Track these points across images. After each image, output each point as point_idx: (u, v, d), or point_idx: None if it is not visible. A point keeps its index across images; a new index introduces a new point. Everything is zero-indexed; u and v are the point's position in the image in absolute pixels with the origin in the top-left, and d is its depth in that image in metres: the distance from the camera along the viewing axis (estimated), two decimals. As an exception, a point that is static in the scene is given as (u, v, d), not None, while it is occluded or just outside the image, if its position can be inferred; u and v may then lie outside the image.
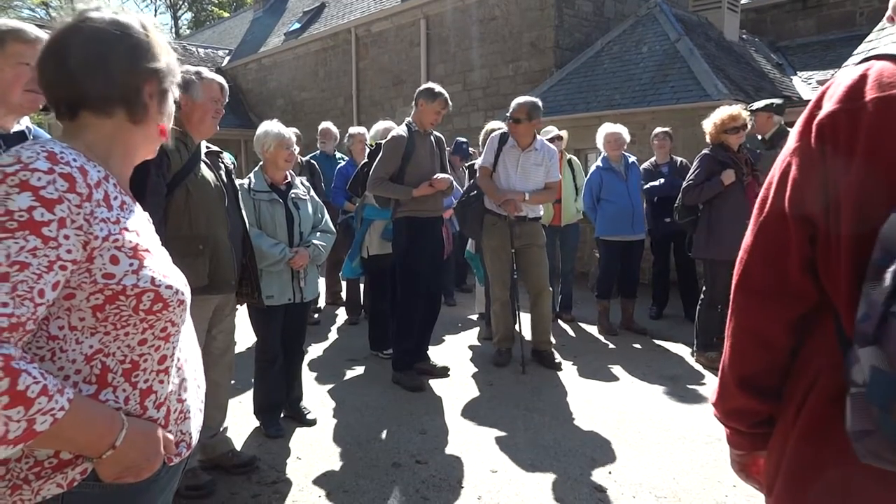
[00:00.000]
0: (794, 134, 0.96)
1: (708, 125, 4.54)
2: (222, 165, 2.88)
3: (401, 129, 4.08)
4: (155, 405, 1.06)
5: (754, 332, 1.02)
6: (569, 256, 6.02)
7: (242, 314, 3.24)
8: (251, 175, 3.34)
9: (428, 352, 4.54)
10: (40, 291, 0.89)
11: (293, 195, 3.39)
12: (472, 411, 3.82)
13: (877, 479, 0.83)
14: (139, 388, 1.03)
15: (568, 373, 4.53)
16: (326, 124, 6.77)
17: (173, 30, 36.54)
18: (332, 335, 5.71)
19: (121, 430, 0.98)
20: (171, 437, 1.09)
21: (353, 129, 6.16)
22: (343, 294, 6.67)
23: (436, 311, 4.43)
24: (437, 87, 4.08)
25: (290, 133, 3.34)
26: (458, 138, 6.94)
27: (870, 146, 0.82)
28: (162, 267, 1.06)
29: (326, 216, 3.57)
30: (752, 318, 1.02)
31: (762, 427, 1.08)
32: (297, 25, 15.52)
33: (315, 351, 5.13)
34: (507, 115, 4.51)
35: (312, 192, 3.54)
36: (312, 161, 6.18)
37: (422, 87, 4.12)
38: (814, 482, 0.93)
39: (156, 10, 38.23)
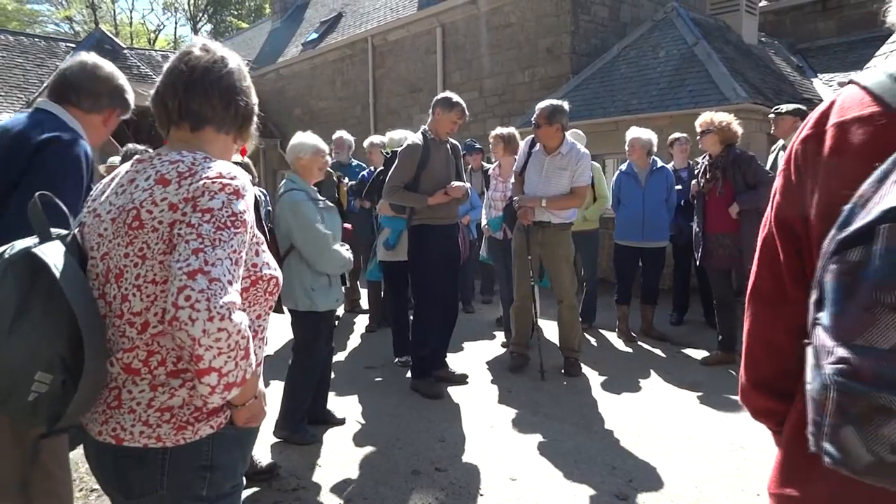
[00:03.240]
0: (785, 155, 1.02)
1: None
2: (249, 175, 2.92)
3: (416, 138, 4.11)
4: (256, 365, 1.27)
5: (763, 339, 1.09)
6: (587, 264, 5.97)
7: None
8: (294, 184, 3.35)
9: (447, 359, 4.54)
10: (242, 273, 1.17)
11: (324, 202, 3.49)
12: (491, 418, 3.81)
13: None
14: (256, 352, 1.27)
15: (588, 380, 4.50)
16: (340, 133, 6.83)
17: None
18: (351, 343, 5.73)
19: (259, 384, 1.27)
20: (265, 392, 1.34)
21: (372, 139, 6.20)
22: (363, 302, 6.72)
23: (453, 318, 4.43)
24: (455, 97, 4.10)
25: (324, 143, 3.46)
26: (468, 140, 6.94)
27: (826, 171, 0.88)
28: (272, 257, 1.31)
29: None
30: (761, 325, 1.10)
31: None
32: (315, 35, 15.68)
33: (334, 358, 5.14)
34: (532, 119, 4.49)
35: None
36: (331, 170, 6.22)
37: (439, 96, 4.14)
38: (802, 476, 0.97)
39: (176, 23, 38.94)
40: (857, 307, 0.69)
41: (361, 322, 6.42)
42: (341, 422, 3.73)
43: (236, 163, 3.73)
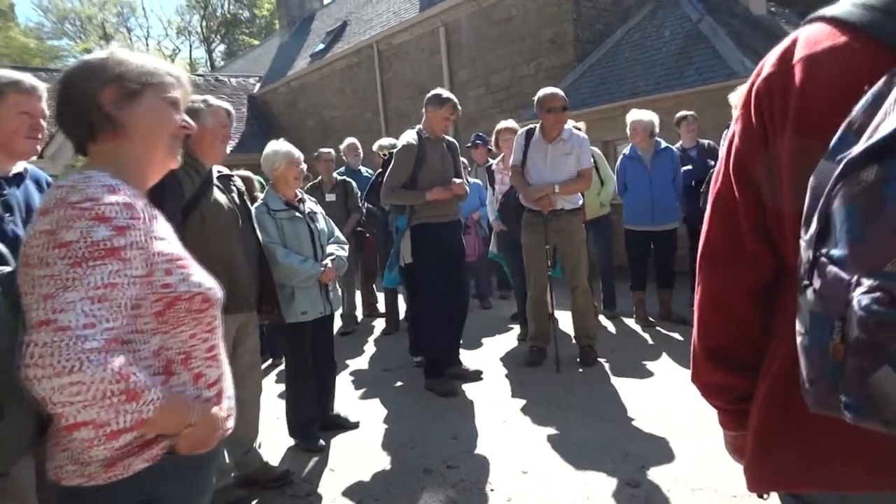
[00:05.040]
0: (738, 103, 0.97)
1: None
2: (234, 188, 2.96)
3: (410, 137, 4.11)
4: (206, 386, 1.23)
5: (718, 302, 1.02)
6: (603, 251, 5.90)
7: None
8: (264, 196, 3.42)
9: (460, 356, 4.54)
10: (125, 305, 1.07)
11: (308, 210, 3.46)
12: (503, 413, 3.79)
13: (838, 433, 0.79)
14: (193, 373, 1.21)
15: (604, 368, 4.45)
16: (350, 140, 6.89)
17: (208, 62, 37.82)
18: (369, 346, 5.76)
19: (192, 413, 1.16)
20: (222, 413, 1.26)
21: (380, 142, 6.23)
22: (380, 306, 6.74)
23: (462, 315, 4.42)
24: (445, 93, 4.10)
25: (298, 151, 3.41)
26: (474, 135, 6.92)
27: (800, 105, 0.82)
28: (201, 271, 1.24)
29: (335, 226, 3.65)
30: (715, 287, 1.02)
31: (745, 403, 1.03)
32: (322, 46, 15.83)
33: (350, 362, 5.19)
34: (536, 105, 4.41)
35: (319, 206, 3.62)
36: (346, 178, 6.27)
37: (429, 94, 4.14)
38: (779, 441, 0.92)
39: (191, 46, 39.70)
40: (885, 228, 0.61)
41: (380, 326, 6.44)
42: (355, 425, 3.75)
43: (241, 176, 3.76)
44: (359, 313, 6.79)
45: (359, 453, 3.41)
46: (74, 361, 0.96)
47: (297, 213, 3.38)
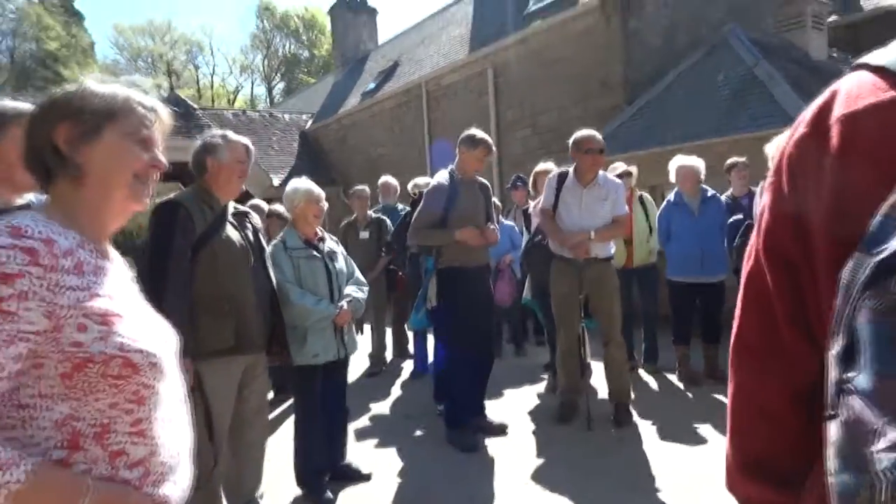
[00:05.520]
0: (773, 160, 0.79)
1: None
2: (249, 225, 2.88)
3: (442, 177, 3.99)
4: (127, 466, 1.04)
5: (753, 405, 0.83)
6: (648, 301, 5.60)
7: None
8: (283, 234, 3.34)
9: (484, 408, 4.30)
10: (4, 364, 0.91)
11: (328, 249, 3.36)
12: (526, 474, 3.52)
13: None
14: (110, 449, 1.03)
15: (640, 429, 4.12)
16: (385, 178, 6.87)
17: (268, 99, 39.35)
18: (395, 389, 5.58)
19: (85, 497, 0.96)
20: (147, 499, 1.06)
21: (416, 180, 6.16)
22: (411, 346, 6.58)
23: (488, 364, 4.20)
24: (479, 134, 3.97)
25: (319, 189, 3.32)
26: (514, 176, 6.79)
27: (837, 177, 0.65)
28: (133, 331, 1.05)
29: (356, 267, 3.52)
30: (749, 387, 0.83)
31: None
32: (373, 85, 16.16)
33: (373, 405, 5.01)
34: (571, 147, 4.21)
35: (341, 246, 3.51)
36: (381, 216, 6.22)
37: (463, 135, 4.02)
38: None
39: (252, 83, 41.47)
40: None
41: (409, 368, 6.26)
42: (367, 477, 3.55)
43: (252, 205, 3.71)
44: (389, 354, 6.64)
45: (368, 509, 3.21)
46: None
47: (315, 252, 3.28)
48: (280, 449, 3.75)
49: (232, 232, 2.73)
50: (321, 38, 37.78)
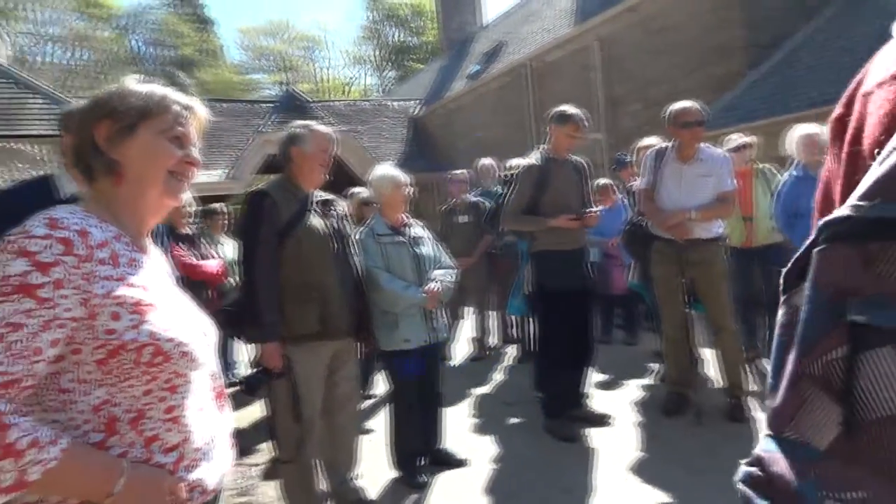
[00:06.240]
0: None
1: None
2: (334, 213, 2.92)
3: (534, 158, 3.84)
4: (161, 450, 1.08)
5: None
6: (771, 284, 5.11)
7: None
8: (371, 220, 3.37)
9: (585, 396, 4.13)
10: (36, 349, 0.94)
11: (414, 235, 3.35)
12: (627, 468, 3.34)
13: None
14: (145, 435, 1.06)
15: (754, 426, 3.77)
16: (485, 160, 6.75)
17: (380, 88, 40.45)
18: (496, 376, 5.52)
19: (119, 478, 1.00)
20: (181, 484, 1.08)
21: (511, 162, 6.02)
22: (514, 331, 6.49)
23: (588, 352, 4.01)
24: (570, 109, 3.77)
25: (405, 176, 3.31)
26: (618, 154, 6.44)
27: (849, 159, 0.59)
28: (165, 321, 1.08)
29: (444, 252, 3.49)
30: None
31: None
32: (478, 67, 16.07)
33: (473, 391, 4.99)
34: (668, 121, 3.90)
35: (427, 231, 3.49)
36: (480, 199, 6.16)
37: (553, 111, 3.83)
38: None
39: (365, 74, 42.78)
40: (787, 379, 0.47)
41: (514, 353, 6.18)
42: (462, 463, 3.53)
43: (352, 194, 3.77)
44: (494, 339, 6.59)
45: (460, 495, 3.19)
46: None
47: (401, 238, 3.28)
48: (379, 431, 3.83)
49: (316, 220, 2.78)
50: (429, 25, 38.13)
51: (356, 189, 5.44)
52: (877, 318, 0.41)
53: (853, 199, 0.45)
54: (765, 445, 0.47)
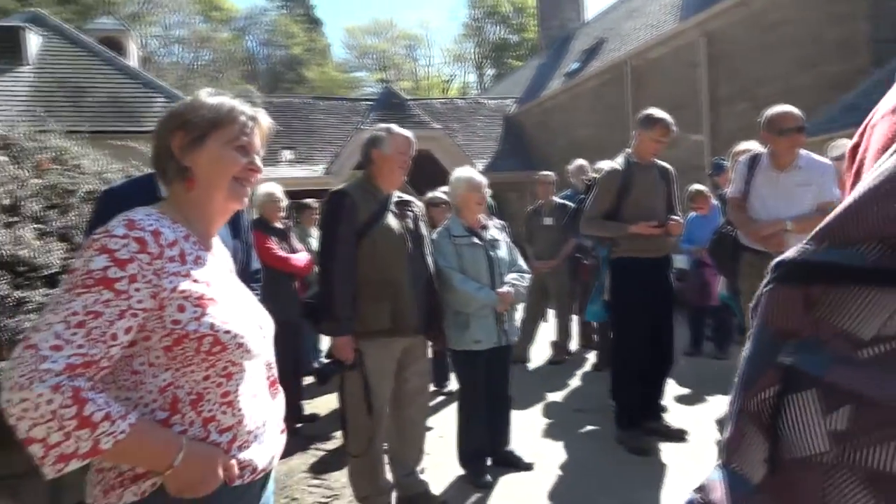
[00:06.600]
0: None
1: None
2: (411, 214, 3.00)
3: (617, 162, 3.75)
4: (217, 430, 1.19)
5: None
6: None
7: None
8: (447, 221, 3.43)
9: (662, 409, 3.99)
10: (112, 335, 1.07)
11: (490, 237, 3.37)
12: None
13: None
14: (203, 415, 1.18)
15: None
16: (579, 161, 6.63)
17: (479, 86, 40.62)
18: (573, 381, 5.45)
19: (178, 453, 1.11)
20: (233, 462, 1.19)
21: (596, 165, 5.90)
22: (596, 337, 6.36)
23: (666, 362, 3.88)
24: (658, 113, 3.64)
25: (481, 177, 3.34)
26: (715, 159, 6.13)
27: (850, 190, 0.55)
28: (224, 314, 1.19)
29: (519, 256, 3.49)
30: None
31: None
32: (577, 65, 15.77)
33: (548, 395, 4.96)
34: (764, 126, 3.68)
35: (505, 234, 3.49)
36: (566, 202, 6.09)
37: (640, 114, 3.72)
38: None
39: (465, 72, 43.10)
40: (734, 413, 0.48)
41: (593, 359, 6.06)
42: (528, 467, 3.53)
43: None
44: (575, 344, 6.50)
45: (522, 499, 3.19)
46: (26, 379, 0.98)
47: (477, 240, 3.31)
48: (449, 428, 3.90)
49: (392, 220, 2.87)
50: (530, 22, 37.82)
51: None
52: (803, 361, 0.42)
53: (805, 240, 0.46)
54: (712, 473, 0.49)
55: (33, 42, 11.62)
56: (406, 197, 3.05)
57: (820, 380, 0.41)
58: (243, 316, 1.25)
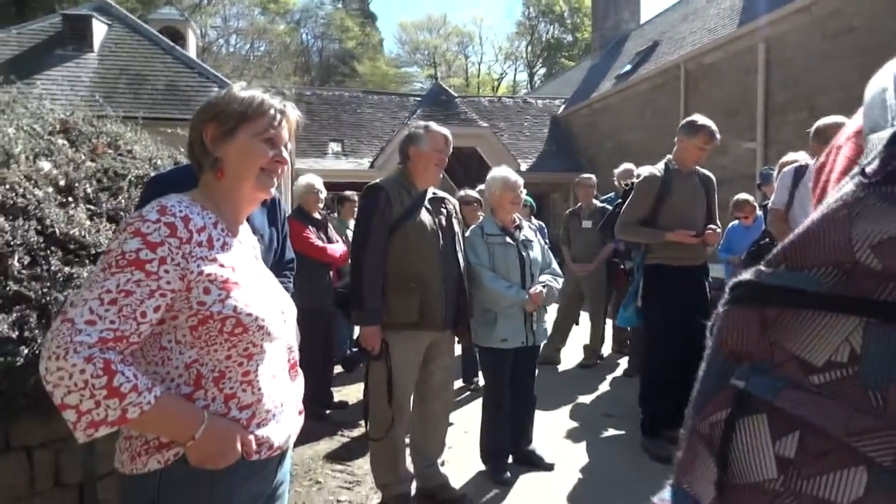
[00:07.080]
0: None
1: None
2: (444, 210, 3.05)
3: (656, 168, 3.71)
4: (238, 407, 1.26)
5: None
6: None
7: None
8: (482, 220, 3.46)
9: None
10: (142, 313, 1.14)
11: (523, 237, 3.39)
12: (723, 502, 3.16)
13: None
14: (224, 392, 1.25)
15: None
16: (626, 165, 6.55)
17: (529, 85, 40.36)
18: (604, 385, 5.41)
19: (200, 426, 1.18)
20: (251, 437, 1.26)
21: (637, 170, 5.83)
22: (629, 342, 6.29)
23: (695, 371, 3.81)
24: (702, 120, 3.59)
25: (517, 177, 3.36)
26: (763, 169, 5.97)
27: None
28: (247, 298, 1.25)
29: (552, 257, 3.49)
30: None
31: None
32: (629, 67, 15.52)
33: (577, 398, 4.94)
34: (813, 137, 3.59)
35: (539, 235, 3.50)
36: (606, 205, 6.04)
37: (683, 121, 3.68)
38: None
39: (516, 70, 42.86)
40: (687, 433, 0.49)
41: (625, 364, 6.00)
42: (549, 467, 3.54)
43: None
44: (608, 348, 6.45)
45: (540, 499, 3.21)
46: (62, 349, 1.06)
47: (510, 240, 3.34)
48: (473, 423, 3.94)
49: (426, 216, 2.93)
50: (586, 22, 37.35)
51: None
52: (755, 385, 0.42)
53: (762, 262, 0.45)
54: (664, 493, 0.49)
55: (99, 30, 12.16)
56: (441, 194, 3.10)
57: (770, 404, 0.41)
58: (266, 300, 1.30)
